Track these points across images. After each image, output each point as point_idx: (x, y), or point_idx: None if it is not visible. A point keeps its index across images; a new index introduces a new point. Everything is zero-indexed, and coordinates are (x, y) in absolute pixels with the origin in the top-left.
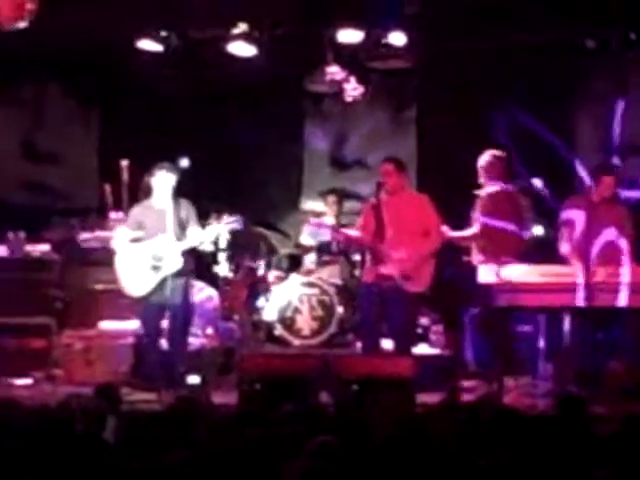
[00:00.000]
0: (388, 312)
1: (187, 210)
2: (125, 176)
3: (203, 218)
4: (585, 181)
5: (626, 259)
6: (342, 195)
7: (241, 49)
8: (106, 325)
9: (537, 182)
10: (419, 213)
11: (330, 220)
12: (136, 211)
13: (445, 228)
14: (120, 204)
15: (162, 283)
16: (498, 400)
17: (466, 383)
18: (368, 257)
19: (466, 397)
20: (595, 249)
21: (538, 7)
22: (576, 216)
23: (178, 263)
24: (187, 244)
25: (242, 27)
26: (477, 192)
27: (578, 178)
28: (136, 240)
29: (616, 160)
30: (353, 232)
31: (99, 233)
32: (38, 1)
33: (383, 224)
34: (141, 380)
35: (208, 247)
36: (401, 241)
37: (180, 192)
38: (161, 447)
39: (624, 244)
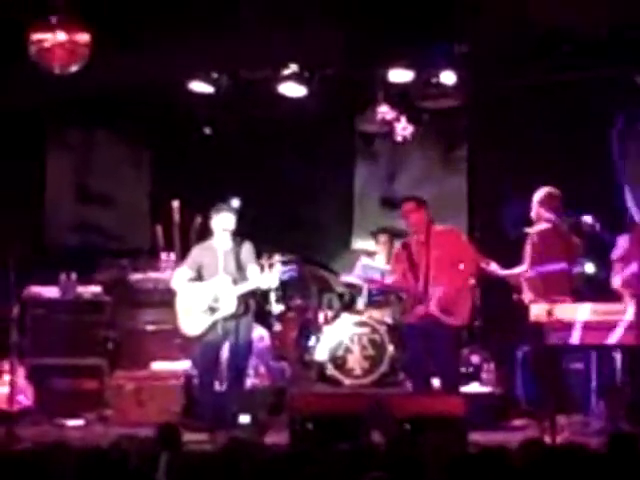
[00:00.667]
0: (433, 349)
1: (247, 252)
2: (176, 217)
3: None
4: (635, 214)
5: None
6: (393, 234)
7: (291, 89)
8: (157, 366)
9: (587, 219)
10: (449, 246)
11: (382, 259)
12: (196, 251)
13: (495, 266)
14: (171, 245)
15: (216, 324)
16: (551, 439)
17: (517, 422)
18: (407, 299)
19: (517, 436)
20: None
21: (586, 43)
22: (629, 250)
23: (233, 306)
24: (243, 288)
25: (292, 68)
26: (528, 230)
27: (628, 213)
28: (195, 280)
29: None
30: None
31: (150, 274)
32: (90, 46)
33: (415, 264)
34: (193, 420)
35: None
36: (435, 277)
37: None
38: None
39: None
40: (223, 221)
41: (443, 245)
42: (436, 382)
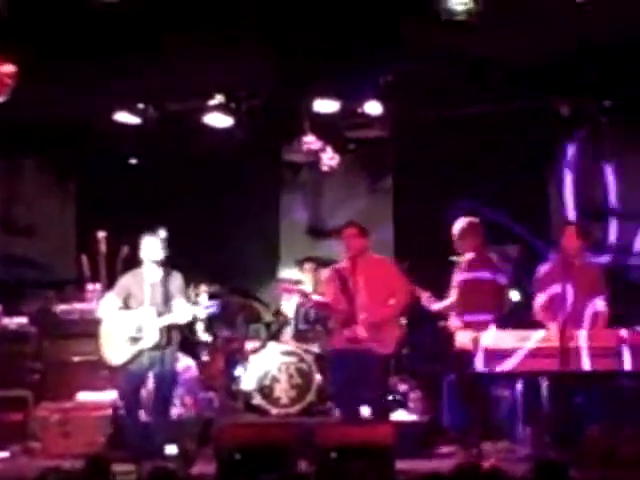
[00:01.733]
0: (362, 376)
1: (175, 284)
2: (102, 247)
3: None
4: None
5: (601, 322)
6: (319, 263)
7: (218, 120)
8: (83, 397)
9: (512, 249)
10: (384, 276)
11: (308, 288)
12: (125, 280)
13: (428, 296)
14: (97, 276)
15: (141, 353)
16: (478, 466)
17: (444, 449)
18: (336, 323)
19: (444, 463)
20: (571, 313)
21: (511, 76)
22: (549, 280)
23: (156, 337)
24: (166, 321)
25: (218, 98)
26: (454, 258)
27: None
28: (122, 309)
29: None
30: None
31: (76, 305)
32: (16, 77)
33: (347, 288)
34: (119, 451)
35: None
36: (367, 304)
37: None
38: None
39: (599, 306)
40: (150, 250)
41: (376, 272)
42: (365, 410)
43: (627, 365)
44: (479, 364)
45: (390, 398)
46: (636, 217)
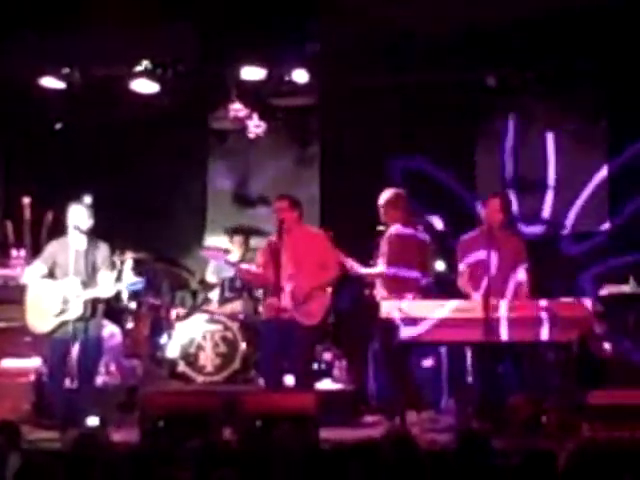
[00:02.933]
0: (287, 346)
1: (102, 254)
2: (27, 214)
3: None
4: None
5: (525, 293)
6: (248, 232)
7: (144, 86)
8: (6, 363)
9: (437, 221)
10: (316, 248)
11: (236, 257)
12: (51, 248)
13: (353, 263)
14: (22, 242)
15: (66, 322)
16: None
17: (369, 418)
18: (266, 293)
19: (369, 432)
20: (494, 283)
21: (439, 46)
22: (474, 251)
23: (80, 309)
24: (91, 294)
25: (144, 64)
26: (380, 228)
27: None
28: (47, 277)
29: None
30: (253, 269)
31: (0, 271)
32: None
33: (278, 260)
34: (44, 418)
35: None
36: (295, 276)
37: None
38: None
39: (522, 277)
40: (76, 218)
41: (308, 245)
42: (289, 380)
43: (547, 335)
44: (403, 333)
45: (315, 367)
46: (567, 189)
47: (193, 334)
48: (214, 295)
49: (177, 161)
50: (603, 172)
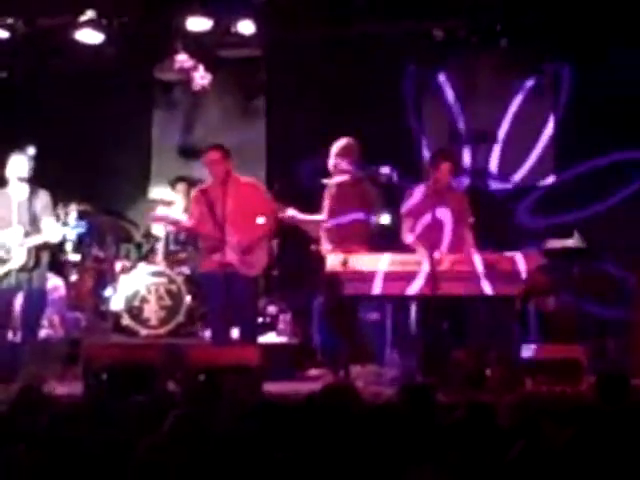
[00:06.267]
0: (231, 298)
1: (43, 203)
2: None
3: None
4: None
5: (469, 247)
6: (191, 183)
7: (88, 36)
8: None
9: (384, 169)
10: (249, 197)
11: (179, 208)
12: None
13: (293, 211)
14: None
15: (8, 274)
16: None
17: (313, 372)
18: (204, 246)
19: (312, 386)
20: (439, 237)
21: None
22: (419, 204)
23: (23, 258)
24: (34, 241)
25: (89, 14)
26: (326, 181)
27: (424, 166)
28: None
29: (463, 149)
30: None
31: None
32: None
33: (214, 211)
34: None
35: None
36: (233, 226)
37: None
38: (4, 440)
39: (466, 231)
40: (17, 168)
41: (243, 196)
42: (235, 333)
43: (491, 290)
44: (348, 287)
45: (260, 321)
46: (514, 142)
47: (138, 287)
48: (159, 247)
49: (122, 112)
50: (550, 125)
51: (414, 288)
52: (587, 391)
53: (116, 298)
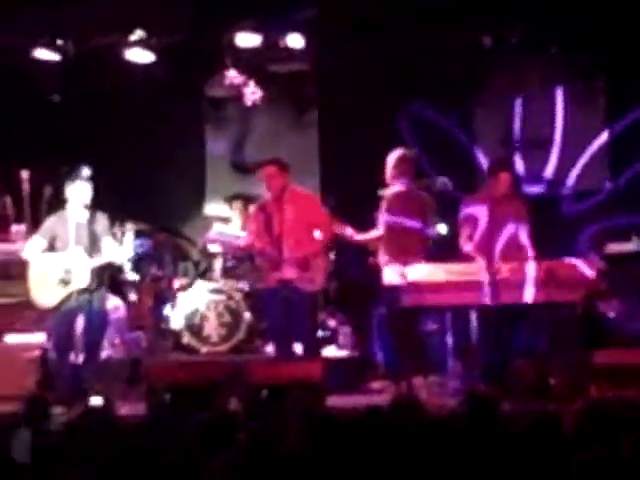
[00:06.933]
0: (292, 314)
1: (102, 224)
2: (26, 187)
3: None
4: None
5: (528, 254)
6: (247, 200)
7: (138, 56)
8: (11, 339)
9: (441, 179)
10: (306, 211)
11: (236, 226)
12: (50, 222)
13: (350, 231)
14: (22, 216)
15: (70, 295)
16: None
17: (375, 384)
18: (264, 262)
19: (377, 399)
20: (497, 245)
21: (432, 9)
22: (477, 213)
23: (86, 279)
24: (97, 262)
25: (138, 33)
26: (382, 192)
27: (481, 174)
28: (48, 251)
29: (516, 155)
30: (244, 239)
31: (1, 246)
32: None
33: (271, 226)
34: (49, 393)
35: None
36: (292, 241)
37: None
38: (71, 461)
39: (525, 239)
40: (78, 191)
41: (300, 209)
42: (297, 348)
43: (552, 296)
44: (407, 299)
45: (320, 334)
46: (569, 148)
47: (197, 304)
48: (216, 264)
49: (174, 131)
50: (604, 133)
51: (473, 297)
52: None
53: (176, 316)
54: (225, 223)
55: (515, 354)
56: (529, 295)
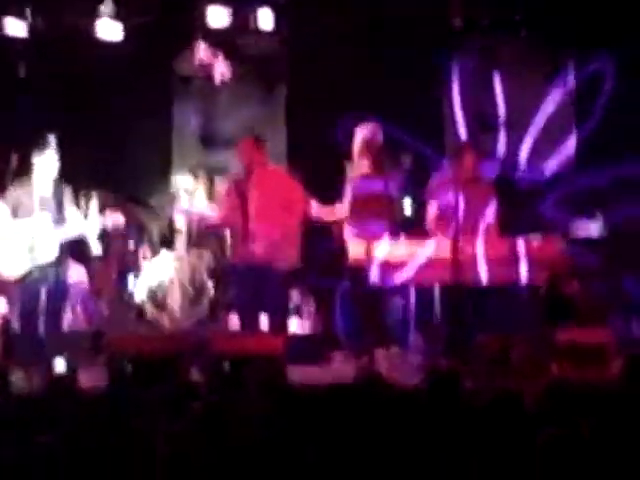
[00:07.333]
0: (261, 290)
1: (67, 194)
2: None
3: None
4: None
5: (493, 233)
6: (214, 172)
7: (108, 32)
8: None
9: (406, 158)
10: (281, 187)
11: (202, 197)
12: (15, 189)
13: (315, 205)
14: None
15: (35, 266)
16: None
17: (338, 358)
18: (234, 236)
19: (339, 372)
20: (463, 224)
21: None
22: (443, 191)
23: (51, 250)
24: (64, 234)
25: (108, 9)
26: (348, 165)
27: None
28: (13, 221)
29: (489, 137)
30: (215, 213)
31: None
32: None
33: (247, 202)
34: (11, 361)
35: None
36: (266, 217)
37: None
38: (32, 429)
39: (490, 218)
40: (44, 161)
41: (274, 186)
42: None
43: (516, 274)
44: (373, 276)
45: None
46: (522, 127)
47: (161, 277)
48: (182, 236)
49: (142, 105)
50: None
51: (437, 274)
52: (614, 375)
53: (139, 288)
54: (191, 195)
55: (478, 330)
56: (493, 273)
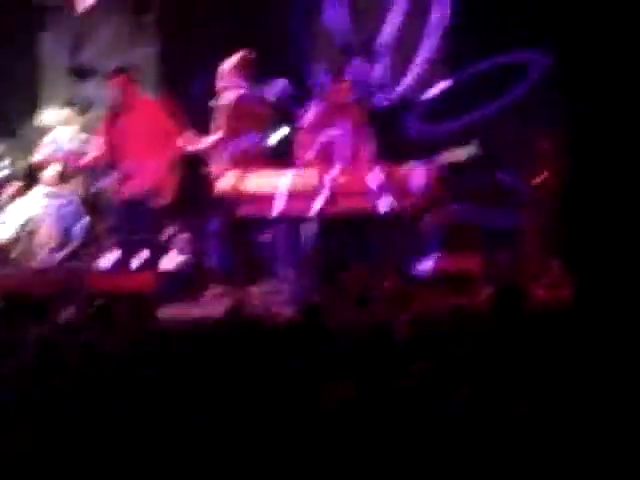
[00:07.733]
0: (136, 226)
1: None
2: None
3: None
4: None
5: (367, 162)
6: (85, 105)
7: None
8: None
9: (277, 85)
10: (157, 121)
11: (74, 130)
12: None
13: (190, 135)
14: None
15: None
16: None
17: (211, 292)
18: (110, 172)
19: (210, 308)
20: (336, 153)
21: None
22: (315, 122)
23: None
24: None
25: None
26: (214, 103)
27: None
28: None
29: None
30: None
31: None
32: None
33: (123, 137)
34: None
35: None
36: (142, 152)
37: None
38: None
39: (365, 146)
40: None
41: (150, 119)
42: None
43: (386, 205)
44: (243, 208)
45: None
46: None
47: (30, 212)
48: (53, 170)
49: (2, 40)
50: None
51: (310, 207)
52: (483, 303)
53: (7, 225)
54: (63, 129)
55: (349, 262)
56: (366, 203)
